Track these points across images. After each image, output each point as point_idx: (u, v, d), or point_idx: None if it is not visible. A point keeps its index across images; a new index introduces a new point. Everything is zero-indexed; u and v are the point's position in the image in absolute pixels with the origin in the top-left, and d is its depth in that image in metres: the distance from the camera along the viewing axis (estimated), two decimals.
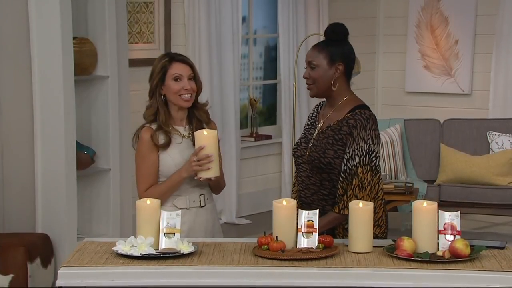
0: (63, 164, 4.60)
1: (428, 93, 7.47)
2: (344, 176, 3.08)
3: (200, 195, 3.27)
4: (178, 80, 3.18)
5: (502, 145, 6.26)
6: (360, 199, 3.02)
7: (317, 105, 3.31)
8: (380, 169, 3.14)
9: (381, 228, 3.16)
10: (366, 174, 3.07)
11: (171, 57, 3.21)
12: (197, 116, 3.26)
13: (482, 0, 7.21)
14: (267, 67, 7.31)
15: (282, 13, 6.89)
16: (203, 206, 3.28)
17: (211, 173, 3.15)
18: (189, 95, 3.19)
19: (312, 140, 3.17)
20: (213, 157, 3.11)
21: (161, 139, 3.20)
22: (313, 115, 3.27)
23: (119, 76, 4.98)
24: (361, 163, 3.06)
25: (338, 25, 3.17)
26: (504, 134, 6.31)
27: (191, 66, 3.22)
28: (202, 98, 3.32)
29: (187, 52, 6.19)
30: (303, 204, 3.17)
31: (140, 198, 3.15)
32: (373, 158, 3.08)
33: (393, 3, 7.65)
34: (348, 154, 3.07)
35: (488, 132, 6.39)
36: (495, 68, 7.08)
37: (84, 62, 4.85)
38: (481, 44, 7.24)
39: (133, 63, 5.48)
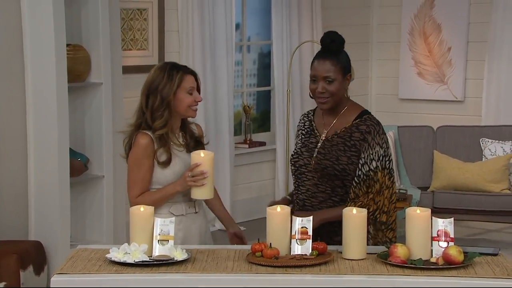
0: (56, 171, 4.59)
1: (422, 100, 7.47)
2: (357, 181, 3.11)
3: (195, 201, 3.28)
4: (191, 93, 3.21)
5: (495, 151, 6.27)
6: (377, 203, 3.08)
7: (304, 114, 3.31)
8: (394, 172, 3.18)
9: (394, 232, 3.17)
10: (384, 177, 3.10)
11: (183, 70, 3.22)
12: (187, 122, 3.30)
13: (475, 8, 7.24)
14: (261, 74, 7.31)
15: (275, 20, 6.89)
16: (197, 212, 3.30)
17: (205, 194, 3.15)
18: (197, 105, 3.24)
19: (316, 149, 3.17)
20: (207, 174, 3.12)
21: (162, 157, 3.20)
22: (306, 124, 3.27)
23: (112, 83, 4.98)
24: (379, 168, 3.10)
25: (335, 34, 3.18)
26: (496, 141, 6.32)
27: (196, 77, 3.25)
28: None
29: (181, 59, 6.19)
30: None
31: (131, 204, 3.17)
32: (388, 162, 3.12)
33: (386, 10, 7.66)
34: (363, 160, 3.10)
35: (481, 139, 6.40)
36: (488, 75, 7.09)
37: (78, 69, 4.85)
38: (473, 52, 7.26)
39: (127, 70, 5.48)
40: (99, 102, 4.93)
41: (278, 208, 2.89)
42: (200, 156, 3.13)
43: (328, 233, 3.11)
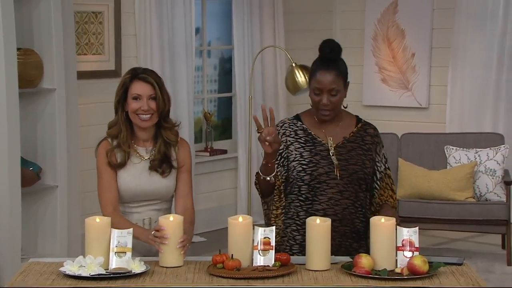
0: (7, 181, 4.52)
1: (386, 107, 7.47)
2: (379, 183, 3.24)
3: (144, 219, 3.19)
4: (138, 99, 3.14)
5: (460, 159, 6.25)
6: (393, 198, 3.27)
7: (287, 123, 3.24)
8: None
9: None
10: (391, 176, 3.31)
11: (134, 75, 3.17)
12: (164, 137, 3.21)
13: (438, 14, 7.25)
14: (222, 80, 7.25)
15: (236, 25, 6.83)
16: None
17: (171, 261, 2.93)
18: (148, 115, 3.14)
19: (330, 156, 3.17)
20: (167, 242, 2.91)
21: (118, 158, 3.17)
22: (298, 133, 3.20)
23: (66, 88, 4.92)
24: (388, 167, 3.30)
25: (333, 42, 3.25)
26: (461, 149, 6.30)
27: (153, 85, 3.15)
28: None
29: (139, 64, 6.06)
30: (331, 222, 3.06)
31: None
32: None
33: (349, 15, 7.65)
34: (379, 160, 3.26)
35: (445, 147, 6.38)
36: (452, 81, 7.11)
37: (29, 74, 4.77)
38: (437, 58, 7.28)
39: (82, 75, 5.40)
40: (52, 109, 4.87)
41: (240, 218, 2.85)
42: (168, 220, 2.96)
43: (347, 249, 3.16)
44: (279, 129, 3.23)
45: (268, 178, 3.05)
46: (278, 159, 3.16)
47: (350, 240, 3.13)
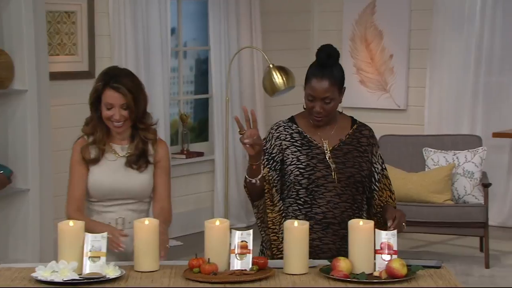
0: None
1: (364, 109, 7.44)
2: (378, 185, 3.22)
3: (118, 218, 3.17)
4: (110, 108, 3.12)
5: (438, 162, 6.23)
6: (394, 196, 3.27)
7: (282, 126, 3.21)
8: None
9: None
10: (389, 177, 3.28)
11: (106, 82, 3.12)
12: (142, 136, 3.19)
13: (415, 15, 7.26)
14: (198, 81, 7.19)
15: (213, 25, 6.78)
16: (120, 230, 3.12)
17: (148, 266, 2.86)
18: (120, 123, 3.13)
19: (327, 159, 3.15)
20: (146, 247, 2.84)
21: (92, 154, 3.15)
22: (294, 136, 3.18)
23: (38, 90, 4.87)
24: (385, 168, 3.26)
25: (331, 48, 3.19)
26: (439, 151, 6.29)
27: (125, 95, 3.10)
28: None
29: (113, 65, 5.97)
30: (330, 225, 3.13)
31: (66, 215, 3.11)
32: None
33: (327, 16, 7.64)
34: (376, 162, 3.24)
35: (423, 149, 6.36)
36: (429, 83, 7.12)
37: (0, 75, 4.73)
38: (415, 59, 7.28)
39: (54, 76, 5.34)
40: (23, 110, 4.83)
41: (217, 221, 2.82)
42: (143, 224, 2.88)
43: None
44: (274, 132, 3.20)
45: (254, 181, 3.03)
46: (271, 163, 3.13)
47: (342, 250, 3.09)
